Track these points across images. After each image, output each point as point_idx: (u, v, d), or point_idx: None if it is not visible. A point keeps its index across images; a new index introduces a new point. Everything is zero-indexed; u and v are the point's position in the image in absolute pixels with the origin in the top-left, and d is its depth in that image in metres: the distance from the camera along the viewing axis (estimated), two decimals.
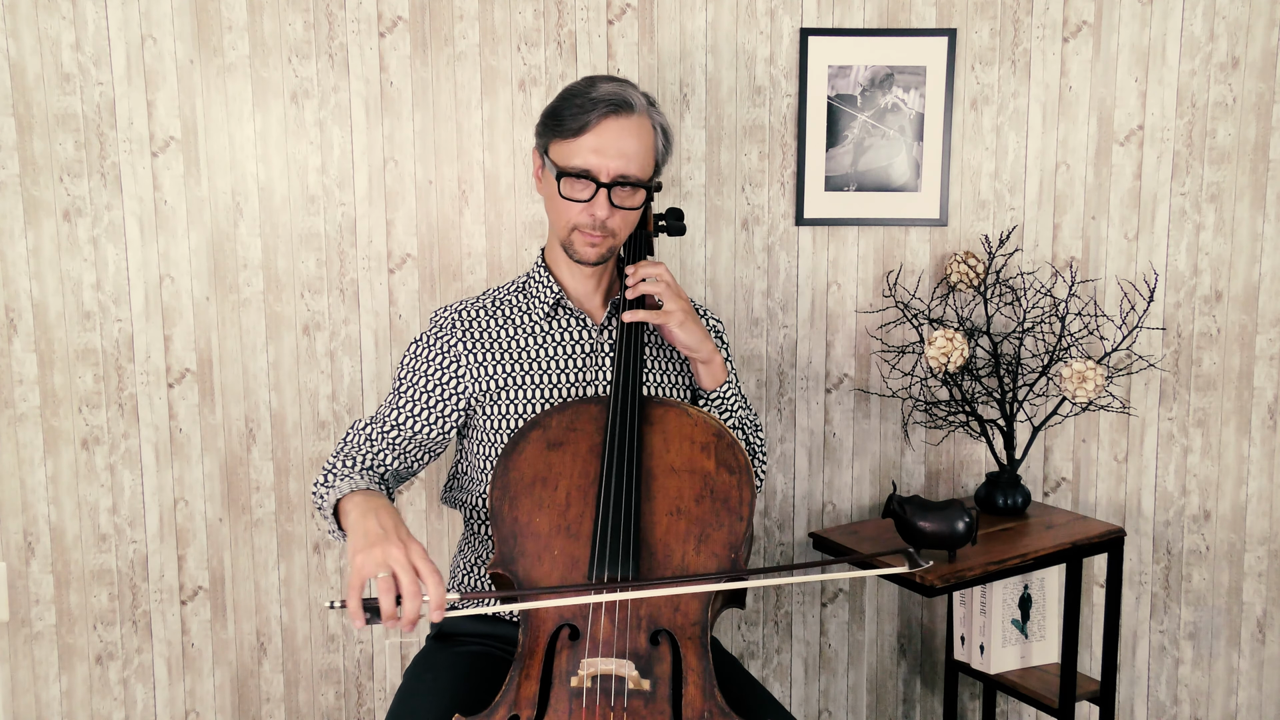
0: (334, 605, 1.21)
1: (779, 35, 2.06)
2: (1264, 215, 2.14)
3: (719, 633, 2.20)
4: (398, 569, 1.20)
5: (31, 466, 2.03)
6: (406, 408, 1.52)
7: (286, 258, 2.04)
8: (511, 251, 2.08)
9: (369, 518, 1.28)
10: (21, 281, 1.99)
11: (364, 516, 1.29)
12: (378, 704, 2.17)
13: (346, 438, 1.53)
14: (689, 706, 1.28)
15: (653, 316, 1.48)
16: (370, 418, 1.54)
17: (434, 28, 2.01)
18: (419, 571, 1.21)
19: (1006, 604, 2.07)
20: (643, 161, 1.46)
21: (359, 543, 1.24)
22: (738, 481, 1.39)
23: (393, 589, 1.19)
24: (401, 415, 1.52)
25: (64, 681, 2.09)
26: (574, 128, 1.44)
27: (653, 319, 1.48)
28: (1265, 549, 2.23)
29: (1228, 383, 2.19)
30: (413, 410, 1.52)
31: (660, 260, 1.54)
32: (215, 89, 1.99)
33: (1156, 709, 2.29)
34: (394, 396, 1.54)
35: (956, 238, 2.14)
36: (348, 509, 1.34)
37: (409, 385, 1.53)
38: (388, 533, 1.25)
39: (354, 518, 1.30)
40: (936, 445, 2.20)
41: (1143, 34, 2.09)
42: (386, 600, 1.19)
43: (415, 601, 1.19)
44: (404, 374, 1.54)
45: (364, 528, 1.27)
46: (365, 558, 1.22)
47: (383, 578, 1.19)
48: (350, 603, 1.19)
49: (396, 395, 1.54)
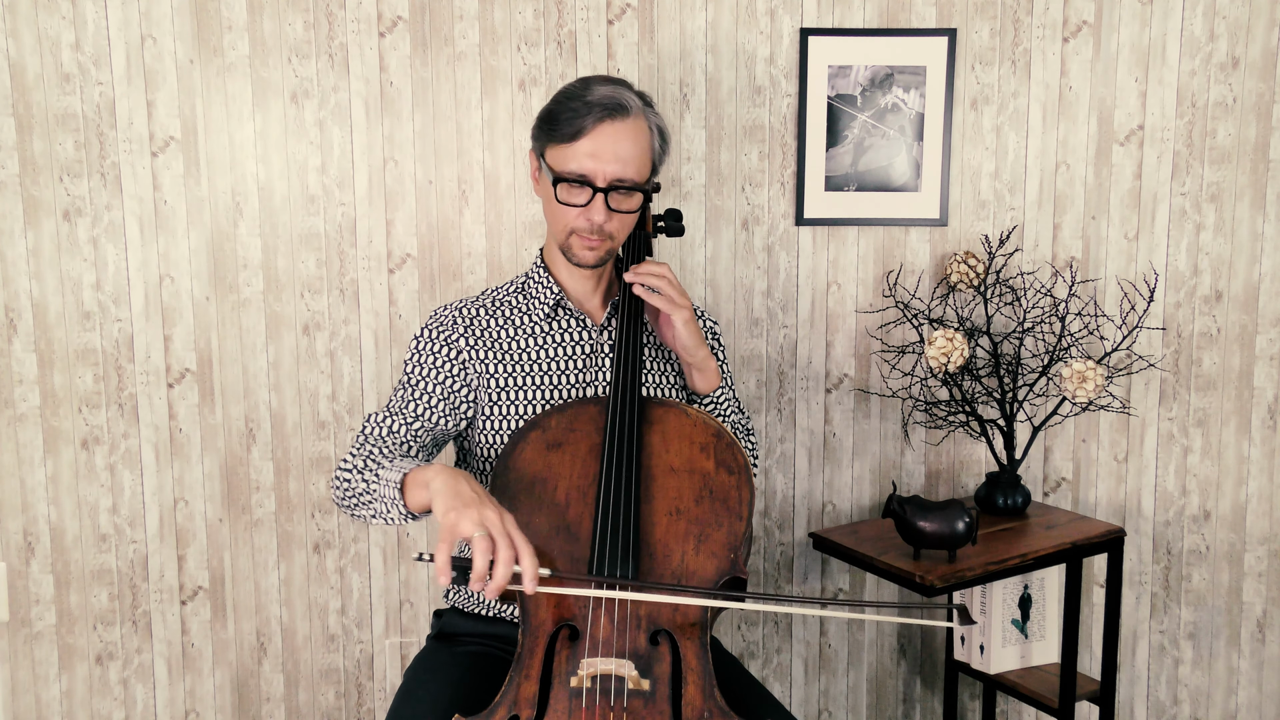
0: (422, 557, 1.19)
1: (779, 35, 2.06)
2: (1264, 215, 2.14)
3: (719, 633, 2.20)
4: (494, 533, 1.18)
5: (31, 466, 2.03)
6: (423, 400, 1.50)
7: (286, 258, 2.04)
8: (511, 251, 2.08)
9: (460, 482, 1.25)
10: (21, 281, 1.99)
11: (454, 480, 1.25)
12: (378, 704, 2.17)
13: (367, 431, 1.48)
14: (689, 706, 1.28)
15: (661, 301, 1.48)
16: (387, 411, 1.50)
17: (434, 28, 2.01)
18: (513, 539, 1.19)
19: (1006, 604, 2.07)
20: (639, 164, 1.46)
21: (452, 501, 1.21)
22: (737, 481, 1.39)
23: (488, 550, 1.16)
24: (419, 407, 1.50)
25: (64, 681, 2.09)
26: (569, 132, 1.43)
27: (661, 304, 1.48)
28: (1265, 549, 2.23)
29: (1228, 383, 2.19)
30: (429, 402, 1.50)
31: (662, 262, 1.54)
32: (215, 89, 1.99)
33: (1156, 709, 2.29)
34: (407, 390, 1.51)
35: (956, 238, 2.14)
36: (425, 478, 1.28)
37: (419, 378, 1.51)
38: (481, 498, 1.22)
39: (441, 482, 1.25)
40: (936, 445, 2.20)
41: (1143, 34, 2.09)
42: (481, 560, 1.16)
43: (508, 568, 1.17)
44: (411, 368, 1.53)
45: (455, 488, 1.23)
46: (460, 515, 1.18)
47: (479, 536, 1.17)
48: (439, 557, 1.16)
49: (409, 389, 1.51)
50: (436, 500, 1.23)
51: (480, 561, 1.16)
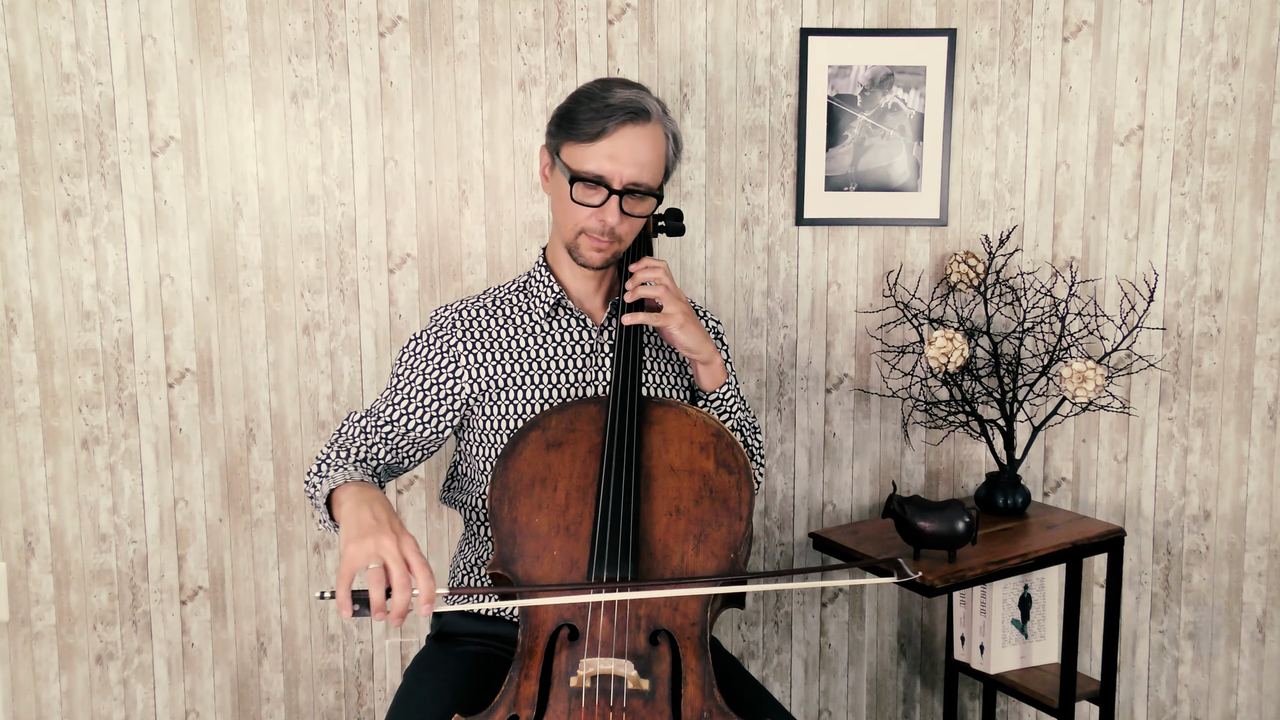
0: (324, 595, 1.21)
1: (779, 35, 2.06)
2: (1264, 215, 2.14)
3: (719, 633, 2.20)
4: (389, 560, 1.20)
5: (31, 466, 2.03)
6: (402, 405, 1.52)
7: (286, 258, 2.04)
8: (511, 251, 2.08)
9: (362, 508, 1.28)
10: (21, 281, 1.99)
11: (358, 507, 1.28)
12: (378, 704, 2.17)
13: (341, 429, 1.52)
14: (688, 706, 1.28)
15: (653, 319, 1.48)
16: (366, 410, 1.54)
17: (434, 28, 2.01)
18: (410, 564, 1.21)
19: (1006, 604, 2.07)
20: (655, 170, 1.47)
21: (351, 532, 1.24)
22: (736, 481, 1.39)
23: (383, 581, 1.19)
24: (396, 412, 1.52)
25: (64, 681, 2.09)
26: (590, 132, 1.43)
27: (653, 321, 1.48)
28: (1265, 549, 2.23)
29: (1228, 383, 2.19)
30: (408, 408, 1.52)
31: (660, 260, 1.54)
32: (215, 89, 1.99)
33: (1156, 709, 2.29)
34: (390, 392, 1.54)
35: (956, 238, 2.14)
36: (341, 499, 1.33)
37: (405, 383, 1.53)
38: (380, 524, 1.24)
39: (347, 508, 1.29)
40: (936, 445, 2.20)
41: (1143, 34, 2.09)
42: (376, 591, 1.18)
43: (405, 594, 1.19)
44: (401, 370, 1.54)
45: (357, 518, 1.26)
46: (356, 548, 1.21)
47: (373, 569, 1.19)
48: (339, 592, 1.18)
49: (393, 391, 1.53)
50: (340, 529, 1.27)
51: (375, 593, 1.18)
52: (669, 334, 1.51)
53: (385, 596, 1.19)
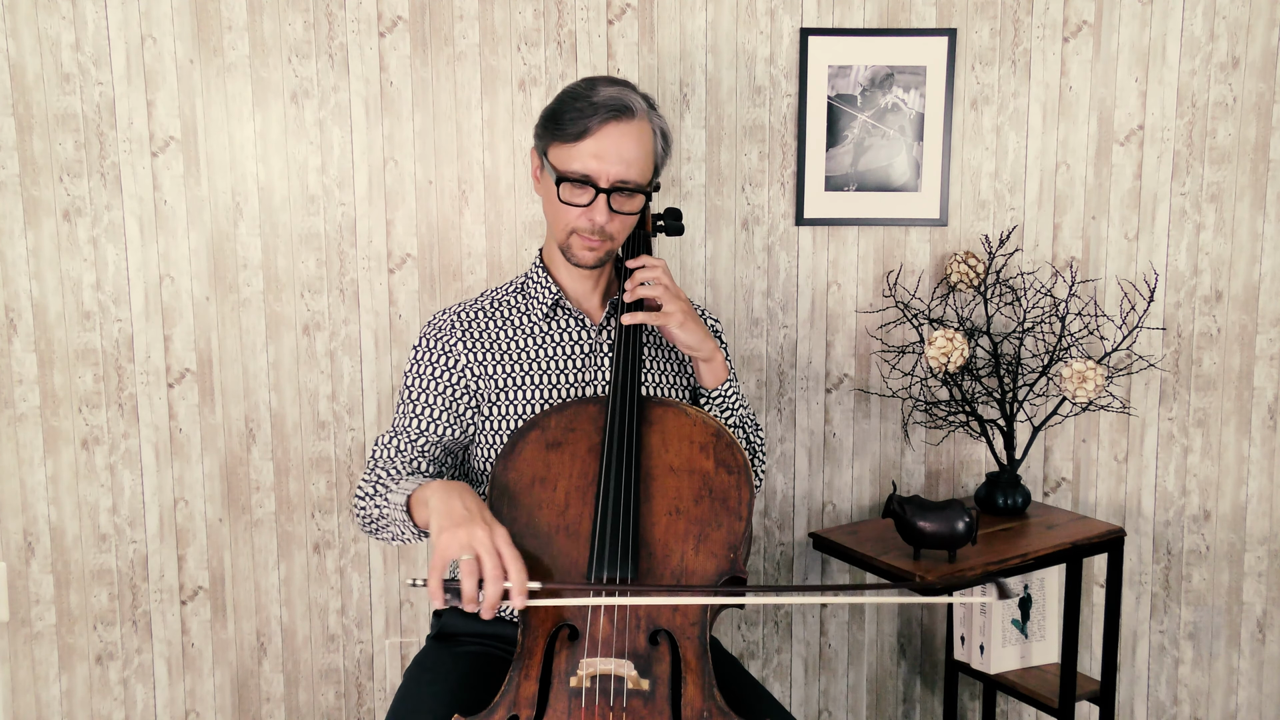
0: (415, 583, 1.22)
1: (779, 35, 2.06)
2: (1264, 215, 2.14)
3: (719, 633, 2.20)
4: (482, 551, 1.20)
5: (31, 466, 2.03)
6: (425, 414, 1.50)
7: (286, 258, 2.04)
8: (511, 251, 2.08)
9: (453, 499, 1.27)
10: (21, 281, 1.99)
11: (448, 498, 1.27)
12: (378, 704, 2.17)
13: (375, 454, 1.50)
14: (688, 706, 1.28)
15: (652, 318, 1.48)
16: (392, 432, 1.51)
17: (434, 28, 2.01)
18: (502, 556, 1.21)
19: (1007, 604, 2.07)
20: (642, 166, 1.46)
21: (443, 522, 1.23)
22: (736, 481, 1.39)
23: (475, 572, 1.19)
24: (423, 422, 1.50)
25: (64, 681, 2.09)
26: (574, 132, 1.43)
27: (652, 320, 1.48)
28: (1265, 549, 2.23)
29: (1228, 383, 2.19)
30: (432, 415, 1.50)
31: (659, 259, 1.54)
32: (215, 89, 1.99)
33: (1156, 709, 2.29)
34: (409, 405, 1.52)
35: (956, 238, 2.14)
36: (425, 496, 1.31)
37: (420, 391, 1.52)
38: (472, 515, 1.24)
39: (437, 500, 1.28)
40: (936, 445, 2.20)
41: (1143, 34, 2.09)
42: (469, 583, 1.18)
43: (498, 586, 1.19)
44: (411, 381, 1.53)
45: (448, 508, 1.25)
46: (449, 538, 1.21)
47: (466, 560, 1.19)
48: (432, 581, 1.18)
49: (411, 404, 1.52)
50: (432, 520, 1.26)
51: (468, 585, 1.18)
52: (669, 332, 1.50)
53: (477, 587, 1.19)
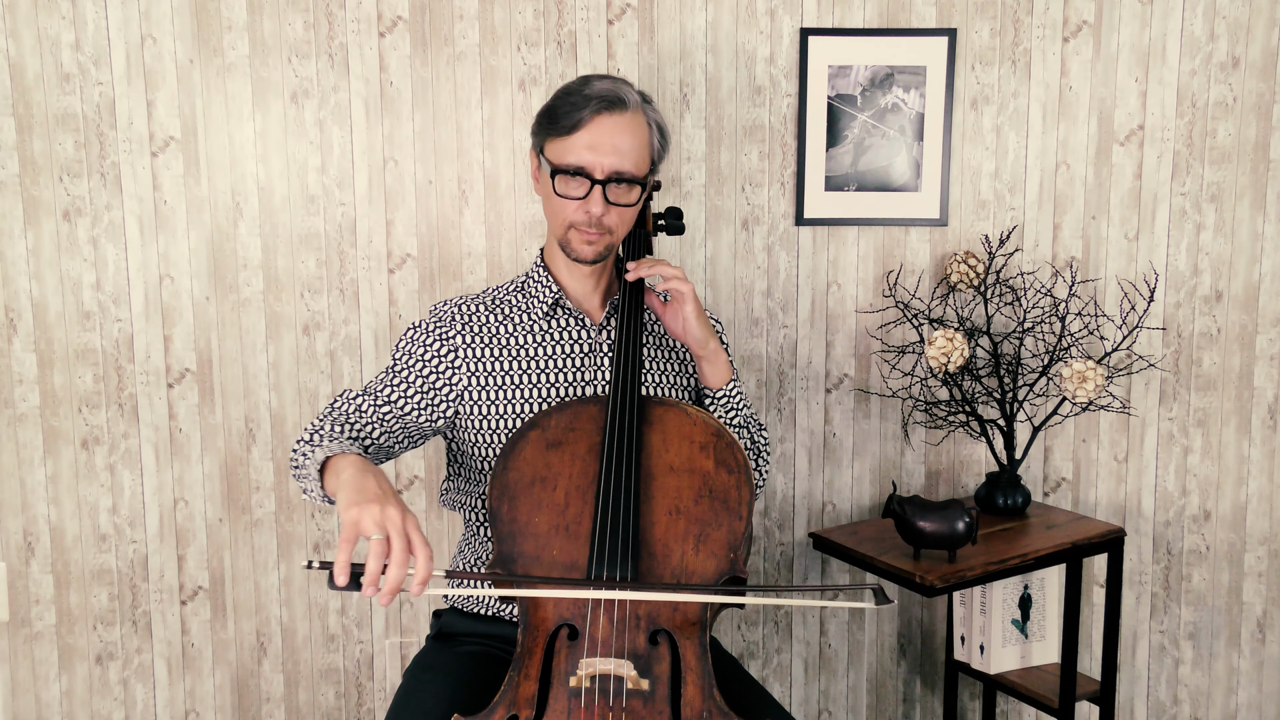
0: (312, 565, 1.17)
1: (779, 35, 2.06)
2: (1264, 215, 2.14)
3: (719, 633, 2.20)
4: (393, 532, 1.16)
5: (31, 466, 2.03)
6: (400, 388, 1.50)
7: (286, 258, 2.04)
8: (511, 251, 2.08)
9: (366, 477, 1.24)
10: (21, 281, 1.99)
11: (361, 474, 1.25)
12: (378, 704, 2.17)
13: (335, 404, 1.50)
14: (688, 706, 1.28)
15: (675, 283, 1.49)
16: (362, 389, 1.51)
17: (434, 28, 2.01)
18: (412, 541, 1.17)
19: (1006, 604, 2.07)
20: (637, 157, 1.46)
21: (354, 496, 1.20)
22: (736, 481, 1.39)
23: (383, 553, 1.14)
24: (395, 394, 1.50)
25: (64, 681, 2.09)
26: (567, 125, 1.43)
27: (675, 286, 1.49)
28: (1265, 549, 2.23)
29: (1228, 383, 2.19)
30: (406, 391, 1.50)
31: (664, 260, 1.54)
32: (215, 89, 1.99)
33: (1156, 709, 2.29)
34: (388, 375, 1.52)
35: (956, 238, 2.14)
36: (340, 466, 1.29)
37: (404, 367, 1.52)
38: (386, 495, 1.21)
39: (349, 474, 1.25)
40: (936, 445, 2.20)
41: (1143, 34, 2.09)
42: (375, 563, 1.14)
43: (401, 570, 1.14)
44: (400, 355, 1.53)
45: (361, 484, 1.22)
46: (362, 511, 1.17)
47: (376, 539, 1.15)
48: (339, 557, 1.14)
49: (391, 374, 1.52)
50: (341, 494, 1.23)
51: (373, 565, 1.14)
52: (678, 322, 1.51)
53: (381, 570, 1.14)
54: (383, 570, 1.15)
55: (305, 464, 1.37)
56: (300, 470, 1.39)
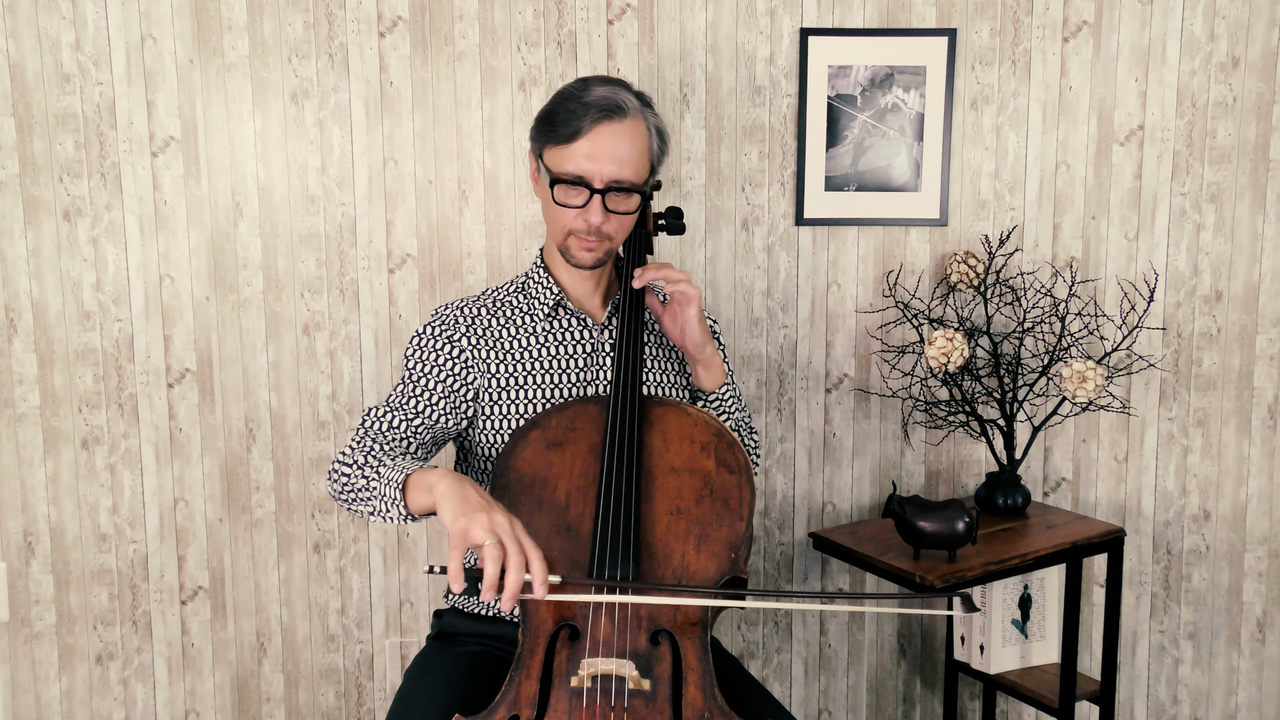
0: (433, 570, 1.19)
1: (779, 35, 2.06)
2: (1264, 215, 2.14)
3: (719, 633, 2.20)
4: (505, 539, 1.17)
5: (31, 466, 2.03)
6: (424, 396, 1.49)
7: (286, 258, 2.04)
8: (511, 251, 2.08)
9: (466, 487, 1.24)
10: (21, 281, 1.99)
11: (461, 485, 1.24)
12: (378, 704, 2.17)
13: (367, 425, 1.47)
14: (689, 707, 1.28)
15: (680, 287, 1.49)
16: (387, 406, 1.49)
17: (434, 28, 2.01)
18: (524, 546, 1.18)
19: (1006, 604, 2.07)
20: (637, 165, 1.45)
21: (460, 507, 1.20)
22: (737, 481, 1.39)
23: (499, 559, 1.15)
24: (420, 404, 1.49)
25: (64, 681, 2.09)
26: (566, 133, 1.43)
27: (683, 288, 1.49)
28: (1265, 549, 2.23)
29: (1228, 383, 2.19)
30: (430, 399, 1.49)
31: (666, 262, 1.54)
32: (215, 89, 1.99)
33: (1156, 709, 2.29)
34: (407, 386, 1.50)
35: (956, 238, 2.14)
36: (429, 481, 1.28)
37: (421, 375, 1.50)
38: (490, 504, 1.21)
39: (445, 487, 1.24)
40: (936, 445, 2.20)
41: (1143, 34, 2.09)
42: (492, 569, 1.15)
43: (520, 574, 1.16)
44: (413, 365, 1.52)
45: (462, 494, 1.22)
46: (471, 522, 1.17)
47: (490, 545, 1.15)
48: (452, 565, 1.15)
49: (410, 384, 1.50)
50: (444, 505, 1.23)
51: (492, 570, 1.15)
52: (683, 321, 1.51)
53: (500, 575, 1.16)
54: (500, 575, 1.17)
55: (375, 485, 1.35)
56: (364, 494, 1.37)
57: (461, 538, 1.17)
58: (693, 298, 1.50)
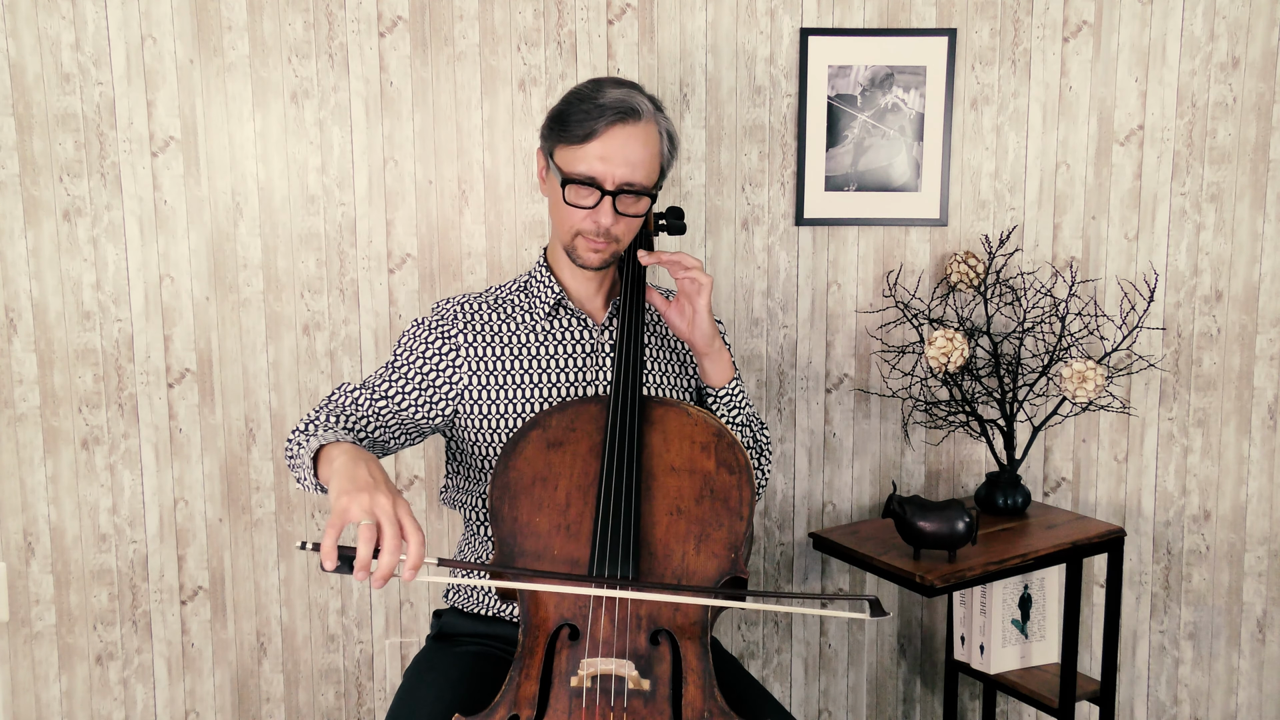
0: (305, 546, 1.17)
1: (779, 35, 2.06)
2: (1264, 215, 2.14)
3: (719, 633, 2.20)
4: (383, 519, 1.15)
5: (31, 466, 2.03)
6: (399, 383, 1.50)
7: (286, 258, 2.04)
8: (511, 251, 2.08)
9: (359, 465, 1.23)
10: (21, 281, 1.99)
11: (353, 463, 1.24)
12: (378, 704, 2.17)
13: (332, 396, 1.49)
14: (689, 707, 1.28)
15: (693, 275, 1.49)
16: (360, 384, 1.51)
17: (434, 28, 2.01)
18: (403, 526, 1.17)
19: (1006, 604, 2.07)
20: (648, 169, 1.46)
21: (345, 485, 1.20)
22: (737, 481, 1.39)
23: (373, 539, 1.14)
24: (393, 389, 1.50)
25: (64, 681, 2.09)
26: (580, 134, 1.43)
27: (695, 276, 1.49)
28: (1265, 549, 2.23)
29: (1228, 383, 2.19)
30: (404, 388, 1.50)
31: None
32: (215, 89, 1.99)
33: (1156, 709, 2.29)
34: (387, 370, 1.51)
35: (956, 238, 2.14)
36: (333, 455, 1.29)
37: (404, 364, 1.51)
38: (377, 482, 1.20)
39: (341, 462, 1.25)
40: (936, 445, 2.20)
41: (1143, 34, 2.10)
42: (365, 549, 1.13)
43: (394, 556, 1.14)
44: (401, 351, 1.53)
45: (352, 472, 1.22)
46: (351, 499, 1.17)
47: (365, 524, 1.14)
48: (325, 542, 1.14)
49: (390, 369, 1.51)
50: (333, 482, 1.23)
51: (363, 550, 1.13)
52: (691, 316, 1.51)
53: (372, 556, 1.14)
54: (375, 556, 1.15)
55: (299, 453, 1.36)
56: (295, 460, 1.39)
57: (340, 516, 1.16)
58: (704, 286, 1.50)
